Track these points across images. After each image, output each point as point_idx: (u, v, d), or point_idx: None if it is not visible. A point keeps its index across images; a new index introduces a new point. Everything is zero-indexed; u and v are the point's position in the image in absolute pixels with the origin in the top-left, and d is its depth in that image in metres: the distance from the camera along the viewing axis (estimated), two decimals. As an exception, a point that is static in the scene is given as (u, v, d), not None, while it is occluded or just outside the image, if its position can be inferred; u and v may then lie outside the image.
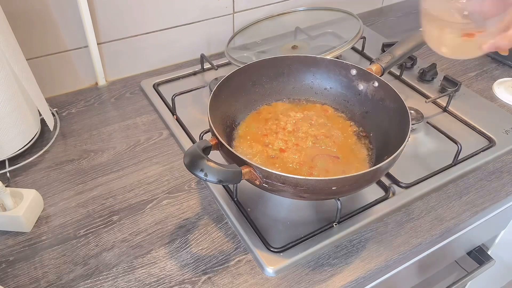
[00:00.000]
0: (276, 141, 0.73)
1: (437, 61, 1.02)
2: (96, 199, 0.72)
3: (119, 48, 0.95)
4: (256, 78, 0.79)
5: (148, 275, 0.61)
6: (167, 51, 1.02)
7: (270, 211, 0.70)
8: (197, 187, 0.74)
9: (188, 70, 1.01)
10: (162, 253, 0.64)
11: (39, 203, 0.69)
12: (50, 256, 0.63)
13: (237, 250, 0.65)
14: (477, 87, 0.99)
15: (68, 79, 0.94)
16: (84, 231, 0.67)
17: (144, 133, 0.85)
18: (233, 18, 1.06)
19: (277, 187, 0.59)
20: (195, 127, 0.84)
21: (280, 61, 0.80)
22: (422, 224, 0.69)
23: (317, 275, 0.62)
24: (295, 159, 0.69)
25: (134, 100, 0.94)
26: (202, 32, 1.04)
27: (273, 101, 0.81)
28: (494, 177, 0.78)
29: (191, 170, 0.56)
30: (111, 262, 0.63)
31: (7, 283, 0.60)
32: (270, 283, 0.61)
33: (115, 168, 0.77)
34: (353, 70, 0.78)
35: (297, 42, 1.03)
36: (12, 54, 0.70)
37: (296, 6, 1.11)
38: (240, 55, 0.98)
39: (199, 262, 0.63)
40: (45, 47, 0.88)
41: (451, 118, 0.90)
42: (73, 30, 0.88)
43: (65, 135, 0.84)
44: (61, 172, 0.76)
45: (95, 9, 0.88)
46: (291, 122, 0.77)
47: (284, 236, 0.65)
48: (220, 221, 0.69)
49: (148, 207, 0.71)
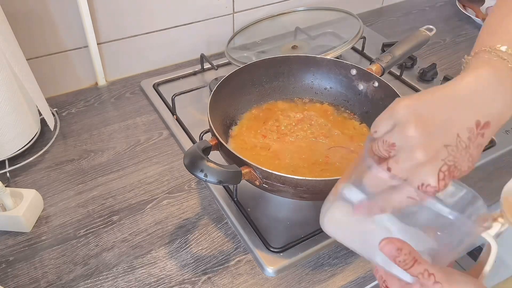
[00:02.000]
0: (276, 141, 0.73)
1: (437, 61, 1.02)
2: (96, 199, 0.72)
3: (119, 48, 0.95)
4: (256, 78, 0.79)
5: (148, 275, 0.61)
6: (167, 51, 1.02)
7: (270, 211, 0.70)
8: (197, 187, 0.74)
9: (188, 70, 1.01)
10: (162, 253, 0.64)
11: (39, 203, 0.69)
12: (50, 256, 0.63)
13: (237, 250, 0.65)
14: (477, 87, 0.99)
15: (68, 79, 0.94)
16: (84, 231, 0.67)
17: (144, 133, 0.85)
18: (233, 18, 1.06)
19: (277, 188, 0.59)
20: (195, 127, 0.84)
21: (280, 61, 0.79)
22: (422, 224, 0.69)
23: (317, 275, 0.62)
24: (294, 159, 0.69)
25: (134, 100, 0.94)
26: (202, 32, 1.04)
27: (273, 101, 0.81)
28: (494, 177, 0.78)
29: (191, 170, 0.56)
30: (111, 262, 0.63)
31: (7, 283, 0.60)
32: (270, 283, 0.61)
33: (115, 168, 0.77)
34: (353, 70, 0.78)
35: (297, 42, 1.03)
36: (12, 54, 0.70)
37: (296, 6, 1.11)
38: (240, 55, 0.98)
39: (199, 262, 0.63)
40: (45, 47, 0.88)
41: (451, 118, 0.89)
42: (73, 30, 0.88)
43: (65, 135, 0.84)
44: (61, 172, 0.76)
45: (95, 9, 0.88)
46: (291, 122, 0.77)
47: (284, 236, 0.65)
48: (220, 221, 0.69)
49: (148, 207, 0.71)
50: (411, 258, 0.37)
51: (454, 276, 0.38)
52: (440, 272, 0.37)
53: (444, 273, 0.37)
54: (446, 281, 0.37)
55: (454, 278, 0.38)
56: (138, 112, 0.90)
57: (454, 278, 0.38)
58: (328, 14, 1.08)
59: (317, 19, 1.09)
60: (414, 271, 0.37)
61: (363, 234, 0.41)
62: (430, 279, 0.37)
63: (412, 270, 0.37)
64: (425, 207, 0.38)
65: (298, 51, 1.00)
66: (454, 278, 0.38)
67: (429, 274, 0.37)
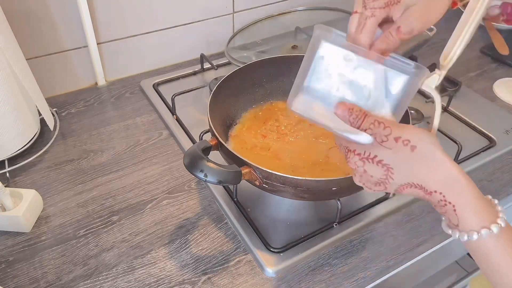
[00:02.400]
0: (276, 141, 0.73)
1: (437, 61, 1.02)
2: (95, 199, 0.72)
3: (119, 48, 0.95)
4: (256, 78, 0.79)
5: (148, 275, 0.61)
6: (167, 51, 1.02)
7: (270, 211, 0.69)
8: (197, 187, 0.74)
9: (188, 70, 1.01)
10: (162, 253, 0.64)
11: (38, 203, 0.69)
12: (49, 257, 0.63)
13: (237, 250, 0.65)
14: (477, 87, 0.99)
15: (68, 79, 0.94)
16: (84, 231, 0.67)
17: (144, 133, 0.85)
18: (233, 18, 1.06)
19: (277, 188, 0.59)
20: (195, 127, 0.84)
21: (280, 61, 0.79)
22: (422, 224, 0.69)
23: (317, 275, 0.62)
24: (294, 159, 0.69)
25: (133, 100, 0.94)
26: (202, 32, 1.04)
27: (273, 101, 0.81)
28: (494, 177, 0.78)
29: (191, 170, 0.56)
30: (110, 262, 0.63)
31: (6, 283, 0.60)
32: (270, 283, 0.61)
33: (115, 168, 0.77)
34: (353, 70, 0.78)
35: (297, 42, 1.03)
36: (12, 54, 0.69)
37: (296, 6, 1.11)
38: (240, 55, 0.98)
39: (199, 262, 0.63)
40: (45, 47, 0.88)
41: (452, 118, 0.90)
42: (73, 30, 0.88)
43: (65, 135, 0.84)
44: (60, 172, 0.76)
45: (94, 9, 0.88)
46: (291, 122, 0.76)
47: (284, 236, 0.65)
48: (220, 221, 0.69)
49: (148, 207, 0.70)
50: (362, 114, 0.43)
51: (405, 125, 0.42)
52: (389, 120, 0.42)
53: (392, 121, 0.43)
54: (395, 126, 0.42)
55: (403, 125, 0.42)
56: (138, 112, 0.90)
57: (402, 125, 0.42)
58: (328, 14, 1.08)
59: (317, 19, 1.09)
60: (366, 123, 0.42)
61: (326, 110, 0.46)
62: (380, 126, 0.42)
63: (364, 124, 0.42)
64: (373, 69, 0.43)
65: (298, 51, 1.00)
66: (402, 125, 0.42)
67: (379, 122, 0.42)
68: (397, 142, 0.41)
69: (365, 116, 0.42)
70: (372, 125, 0.42)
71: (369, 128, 0.42)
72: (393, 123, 0.42)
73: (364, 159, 0.44)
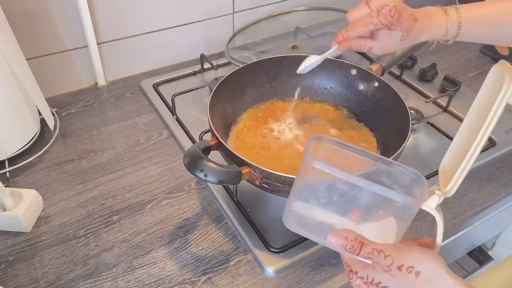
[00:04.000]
0: (276, 141, 0.73)
1: (437, 61, 1.02)
2: (95, 199, 0.72)
3: (119, 48, 0.95)
4: (256, 78, 0.79)
5: (148, 275, 0.61)
6: (167, 51, 1.02)
7: (270, 211, 0.69)
8: (197, 187, 0.74)
9: (188, 70, 1.01)
10: (162, 253, 0.64)
11: (38, 203, 0.69)
12: (49, 256, 0.63)
13: (237, 250, 0.65)
14: (477, 87, 0.98)
15: (68, 79, 0.94)
16: (84, 231, 0.67)
17: (144, 133, 0.85)
18: (233, 18, 1.06)
19: (277, 188, 0.59)
20: (195, 127, 0.84)
21: (280, 61, 0.79)
22: (422, 224, 0.69)
23: (317, 275, 0.62)
24: (294, 159, 0.69)
25: (133, 100, 0.94)
26: (202, 32, 1.04)
27: (273, 101, 0.81)
28: (494, 177, 0.78)
29: (191, 170, 0.56)
30: (111, 262, 0.63)
31: (6, 283, 0.60)
32: (270, 283, 0.61)
33: (115, 168, 0.77)
34: (353, 70, 0.78)
35: (297, 42, 1.03)
36: (12, 54, 0.70)
37: (296, 6, 1.11)
38: (240, 55, 0.98)
39: (199, 262, 0.63)
40: (45, 47, 0.88)
41: (452, 118, 0.90)
42: (73, 30, 0.88)
43: (65, 135, 0.84)
44: (60, 172, 0.76)
45: (95, 9, 0.88)
46: (291, 122, 0.76)
47: (284, 236, 0.65)
48: (220, 221, 0.69)
49: (148, 207, 0.70)
50: (358, 243, 0.40)
51: (405, 248, 0.40)
52: (388, 246, 0.40)
53: (392, 247, 0.40)
54: (396, 253, 0.39)
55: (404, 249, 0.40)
56: (138, 112, 0.90)
57: (403, 249, 0.40)
58: (328, 14, 1.08)
59: (317, 19, 1.09)
60: (364, 253, 0.40)
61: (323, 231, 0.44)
62: (381, 256, 0.39)
63: (362, 253, 0.40)
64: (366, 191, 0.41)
65: (298, 51, 1.00)
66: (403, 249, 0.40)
67: (378, 251, 0.40)
68: (401, 270, 0.39)
69: (361, 245, 0.40)
70: (371, 255, 0.40)
71: (369, 257, 0.40)
72: (394, 250, 0.40)
73: (368, 283, 0.42)
